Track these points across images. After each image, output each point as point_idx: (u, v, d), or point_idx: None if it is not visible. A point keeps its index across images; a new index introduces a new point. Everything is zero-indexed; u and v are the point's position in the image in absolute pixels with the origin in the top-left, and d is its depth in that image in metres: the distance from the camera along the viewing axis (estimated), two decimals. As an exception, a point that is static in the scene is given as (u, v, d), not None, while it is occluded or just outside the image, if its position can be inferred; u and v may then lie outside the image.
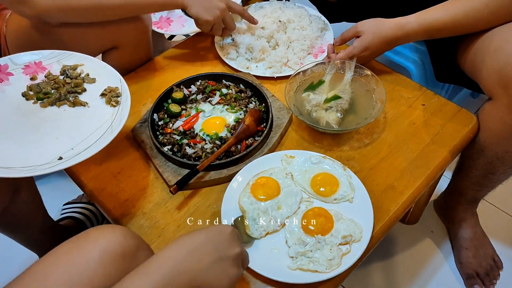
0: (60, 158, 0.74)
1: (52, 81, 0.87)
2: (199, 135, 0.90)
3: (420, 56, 1.24)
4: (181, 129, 0.91)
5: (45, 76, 0.89)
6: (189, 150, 0.87)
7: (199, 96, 0.98)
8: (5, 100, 0.84)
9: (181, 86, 1.00)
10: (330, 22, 1.17)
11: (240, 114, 0.94)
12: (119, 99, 0.84)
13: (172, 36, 1.80)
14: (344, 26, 1.05)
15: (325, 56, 1.07)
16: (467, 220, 1.17)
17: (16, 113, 0.83)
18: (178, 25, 1.19)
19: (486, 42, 0.88)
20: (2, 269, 1.23)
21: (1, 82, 0.85)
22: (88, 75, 0.90)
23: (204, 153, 0.87)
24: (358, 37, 0.98)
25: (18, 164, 0.73)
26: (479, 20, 0.88)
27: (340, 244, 0.74)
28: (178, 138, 0.90)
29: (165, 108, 0.96)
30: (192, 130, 0.91)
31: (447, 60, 1.04)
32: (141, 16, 1.01)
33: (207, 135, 0.90)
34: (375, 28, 0.95)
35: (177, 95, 0.97)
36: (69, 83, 0.87)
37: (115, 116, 0.81)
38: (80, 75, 0.89)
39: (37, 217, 1.05)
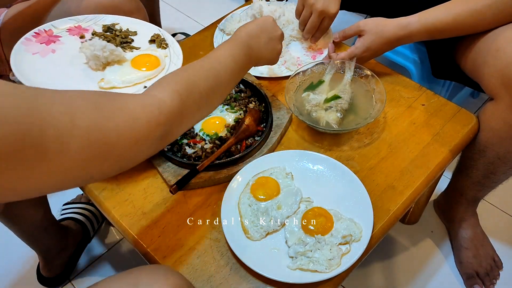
0: (145, 87, 0.82)
1: (102, 36, 0.93)
2: (199, 135, 0.90)
3: (420, 56, 1.24)
4: (181, 129, 0.91)
5: (92, 34, 0.94)
6: (189, 150, 0.87)
7: (199, 96, 0.98)
8: (66, 54, 0.91)
9: (181, 86, 1.00)
10: None
11: (240, 114, 0.94)
12: (166, 42, 0.95)
13: (173, 35, 1.80)
14: (343, 24, 1.04)
15: (326, 56, 1.07)
16: (467, 220, 1.17)
17: (78, 62, 0.89)
18: None
19: (488, 42, 0.88)
20: (2, 267, 1.23)
21: (54, 42, 0.91)
22: (128, 29, 0.96)
23: (204, 153, 0.87)
24: (359, 36, 0.98)
25: None
26: (482, 21, 0.88)
27: (340, 244, 0.74)
28: (178, 138, 0.90)
29: (165, 108, 0.96)
30: (192, 130, 0.91)
31: (445, 57, 1.04)
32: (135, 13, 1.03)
33: (207, 135, 0.90)
34: (377, 28, 0.95)
35: (177, 95, 0.97)
36: (118, 35, 0.94)
37: (170, 53, 0.93)
38: (121, 30, 0.96)
39: (38, 210, 1.06)
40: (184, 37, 1.77)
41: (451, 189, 1.18)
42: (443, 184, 1.21)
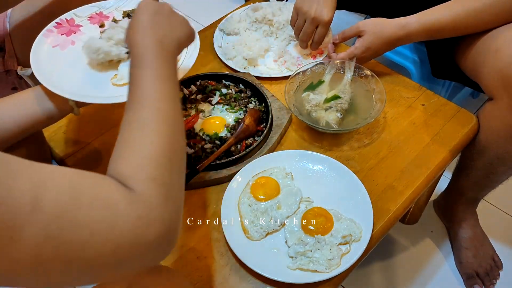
0: None
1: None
2: (199, 135, 0.90)
3: (419, 56, 1.24)
4: (181, 129, 0.91)
5: (112, 21, 0.92)
6: (189, 150, 0.87)
7: (199, 96, 0.98)
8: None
9: (181, 86, 1.00)
10: None
11: (240, 114, 0.94)
12: None
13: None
14: (343, 24, 1.05)
15: (326, 56, 1.07)
16: (467, 220, 1.17)
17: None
18: None
19: (487, 42, 0.88)
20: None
21: (74, 33, 0.89)
22: None
23: (204, 153, 0.87)
24: (359, 36, 0.98)
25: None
26: (481, 21, 0.88)
27: (340, 244, 0.74)
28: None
29: (165, 108, 0.95)
30: (192, 130, 0.91)
31: (444, 57, 1.04)
32: None
33: (207, 135, 0.90)
34: (376, 28, 0.95)
35: (177, 95, 0.97)
36: None
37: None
38: None
39: None
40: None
41: (451, 189, 1.18)
42: (443, 184, 1.21)
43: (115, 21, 0.92)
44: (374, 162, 0.88)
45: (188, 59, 0.82)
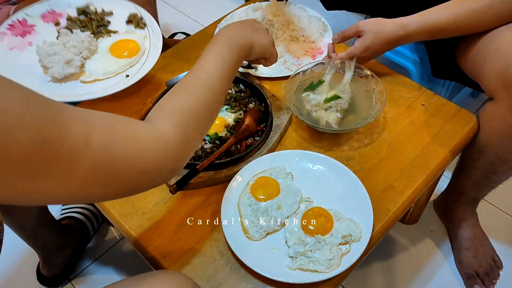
0: (127, 76, 0.81)
1: (77, 21, 0.90)
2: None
3: (420, 56, 1.24)
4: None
5: (67, 19, 0.91)
6: (189, 150, 0.87)
7: (199, 96, 0.98)
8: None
9: (181, 86, 1.00)
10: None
11: (240, 114, 0.94)
12: (144, 21, 0.91)
13: (173, 35, 1.80)
14: (343, 24, 1.05)
15: (325, 56, 1.07)
16: (467, 220, 1.17)
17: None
18: None
19: (488, 42, 0.88)
20: (2, 266, 1.23)
21: (29, 33, 0.88)
22: (103, 10, 0.93)
23: (204, 153, 0.87)
24: (359, 36, 0.98)
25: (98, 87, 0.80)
26: (482, 21, 0.87)
27: (339, 244, 0.74)
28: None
29: (165, 108, 0.96)
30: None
31: (445, 57, 1.04)
32: None
33: (207, 135, 0.90)
34: (377, 28, 0.95)
35: (177, 95, 0.97)
36: (94, 19, 0.91)
37: (149, 34, 0.89)
38: (96, 11, 0.92)
39: None
40: (184, 37, 1.77)
41: (451, 189, 1.18)
42: (443, 184, 1.21)
43: (70, 18, 0.90)
44: (374, 162, 0.88)
45: (153, 51, 0.85)
